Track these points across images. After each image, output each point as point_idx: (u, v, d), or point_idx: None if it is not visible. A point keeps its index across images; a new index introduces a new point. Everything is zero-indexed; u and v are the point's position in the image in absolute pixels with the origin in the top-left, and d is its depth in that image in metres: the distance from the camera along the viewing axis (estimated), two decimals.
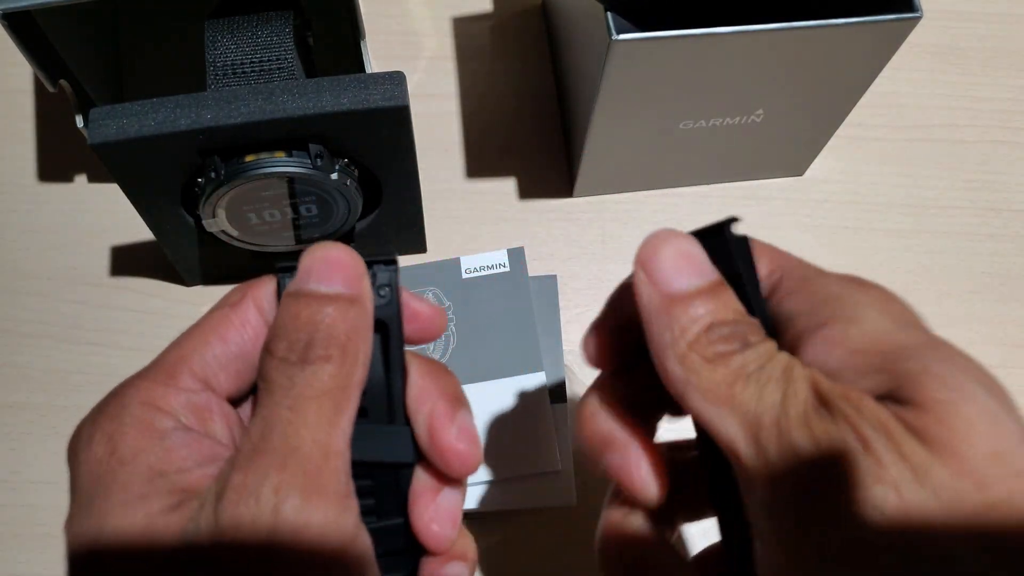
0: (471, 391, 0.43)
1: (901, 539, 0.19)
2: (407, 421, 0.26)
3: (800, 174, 0.52)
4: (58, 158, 0.51)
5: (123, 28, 0.52)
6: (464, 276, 0.47)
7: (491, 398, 0.43)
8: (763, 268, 0.24)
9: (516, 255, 0.47)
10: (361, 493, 0.25)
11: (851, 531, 0.19)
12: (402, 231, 0.47)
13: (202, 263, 0.46)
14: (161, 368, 0.24)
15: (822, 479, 0.19)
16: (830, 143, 0.50)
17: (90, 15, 0.48)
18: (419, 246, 0.49)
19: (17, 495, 0.44)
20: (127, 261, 0.49)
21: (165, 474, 0.22)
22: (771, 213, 0.52)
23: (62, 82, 0.42)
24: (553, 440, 0.42)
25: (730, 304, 0.23)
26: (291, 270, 0.25)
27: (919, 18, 0.37)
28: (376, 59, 0.53)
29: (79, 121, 0.43)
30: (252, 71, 0.39)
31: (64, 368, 0.46)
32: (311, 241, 0.44)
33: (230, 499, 0.21)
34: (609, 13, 0.36)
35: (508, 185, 0.51)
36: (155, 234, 0.42)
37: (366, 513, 0.25)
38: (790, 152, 0.50)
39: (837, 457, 0.19)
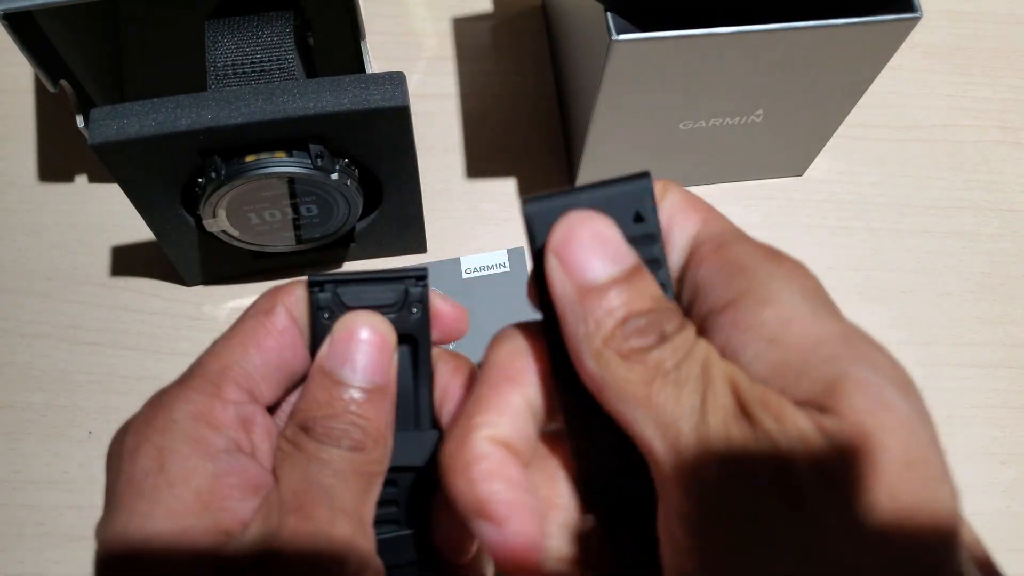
0: None
1: (812, 559, 0.18)
2: (435, 425, 0.27)
3: (800, 174, 0.52)
4: (59, 158, 0.51)
5: (124, 28, 0.52)
6: (464, 276, 0.47)
7: None
8: (690, 228, 0.23)
9: (516, 255, 0.47)
10: (385, 501, 0.26)
11: (763, 551, 0.19)
12: (402, 231, 0.47)
13: (202, 263, 0.46)
14: (206, 378, 0.24)
15: (740, 499, 0.19)
16: (830, 143, 0.50)
17: (91, 15, 0.48)
18: (419, 246, 0.49)
19: (18, 495, 0.44)
20: (127, 261, 0.49)
21: (212, 510, 0.22)
22: (771, 213, 0.52)
23: (62, 82, 0.42)
24: None
25: (647, 290, 0.21)
26: (322, 286, 0.25)
27: (919, 18, 0.37)
28: (376, 59, 0.53)
29: (79, 121, 0.43)
30: (252, 71, 0.39)
31: (64, 368, 0.46)
32: (312, 241, 0.44)
33: (286, 540, 0.22)
34: (609, 13, 0.36)
35: (508, 185, 0.51)
36: (155, 234, 0.42)
37: (388, 522, 0.26)
38: (790, 152, 0.50)
39: (756, 476, 0.19)
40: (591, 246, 0.21)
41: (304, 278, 0.26)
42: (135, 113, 0.35)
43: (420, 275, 0.26)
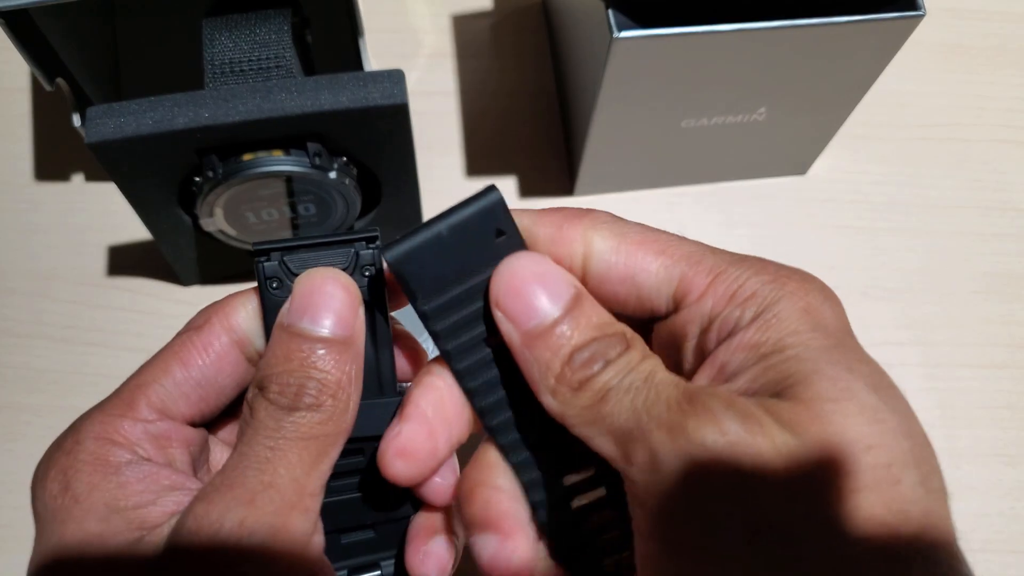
0: None
1: (759, 527, 0.19)
2: (397, 392, 0.26)
3: (803, 173, 0.52)
4: (55, 157, 0.51)
5: (120, 26, 0.52)
6: None
7: None
8: (651, 264, 0.23)
9: None
10: (348, 472, 0.25)
11: (707, 526, 0.19)
12: (401, 230, 0.47)
13: (199, 263, 0.46)
14: (119, 399, 0.24)
15: (685, 480, 0.20)
16: (833, 142, 0.49)
17: (87, 13, 0.48)
18: None
19: (13, 497, 0.44)
20: (124, 261, 0.49)
21: (120, 510, 0.22)
22: (774, 212, 0.51)
23: (59, 80, 0.41)
24: None
25: (589, 320, 0.22)
26: (267, 254, 0.24)
27: (922, 16, 0.37)
28: (375, 57, 0.53)
29: (76, 120, 0.43)
30: (250, 69, 0.38)
31: (60, 369, 0.46)
32: None
33: (189, 528, 0.21)
34: (610, 10, 0.36)
35: (508, 184, 0.51)
36: (152, 234, 0.42)
37: (348, 491, 0.26)
38: (793, 151, 0.49)
39: (698, 453, 0.20)
40: (526, 291, 0.22)
41: (239, 292, 0.25)
42: (132, 112, 0.35)
43: (371, 237, 0.25)
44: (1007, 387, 0.48)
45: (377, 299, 0.25)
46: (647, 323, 0.25)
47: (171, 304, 0.48)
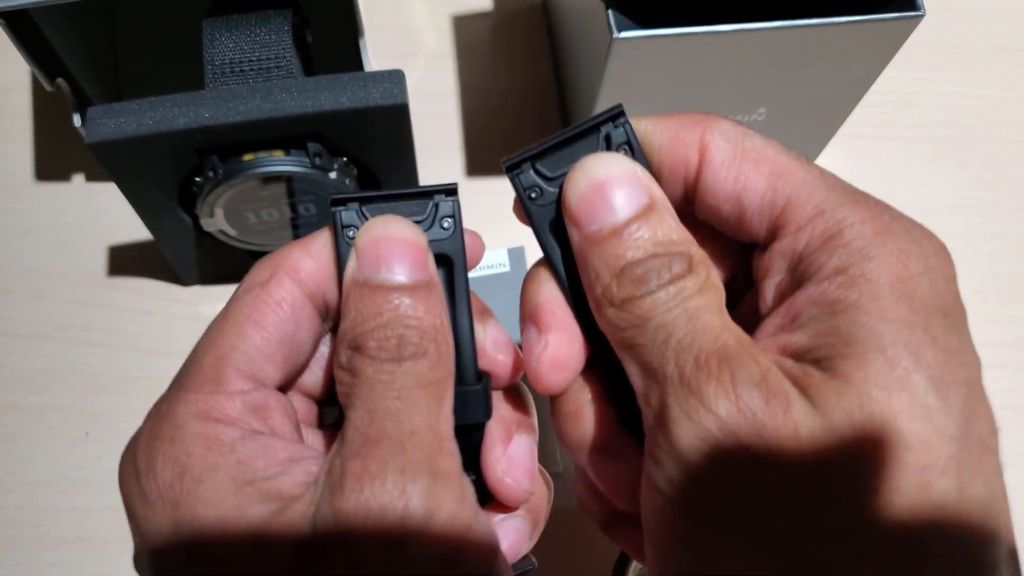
0: None
1: (761, 525, 0.18)
2: (477, 371, 0.24)
3: None
4: (55, 157, 0.51)
5: (121, 26, 0.52)
6: None
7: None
8: (760, 183, 0.22)
9: (516, 255, 0.47)
10: None
11: (705, 510, 0.19)
12: None
13: (199, 263, 0.46)
14: (203, 375, 0.22)
15: (691, 452, 0.19)
16: (832, 142, 0.49)
17: (88, 14, 0.48)
18: None
19: (13, 496, 0.44)
20: (124, 261, 0.49)
21: (252, 483, 0.21)
22: None
23: (59, 81, 0.41)
24: (554, 441, 0.42)
25: (654, 234, 0.21)
26: (345, 204, 0.23)
27: (922, 16, 0.37)
28: (375, 57, 0.53)
29: (76, 120, 0.43)
30: (250, 70, 0.38)
31: (60, 368, 0.46)
32: None
33: (352, 487, 0.20)
34: (610, 11, 0.36)
35: (508, 184, 0.51)
36: (152, 234, 0.42)
37: None
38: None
39: (708, 424, 0.19)
40: (593, 194, 0.22)
41: (297, 241, 0.24)
42: (132, 112, 0.35)
43: (450, 189, 0.24)
44: (1007, 387, 0.48)
45: (457, 253, 0.24)
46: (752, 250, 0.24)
47: (171, 304, 0.48)
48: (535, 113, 0.53)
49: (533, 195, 0.23)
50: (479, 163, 0.51)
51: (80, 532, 0.43)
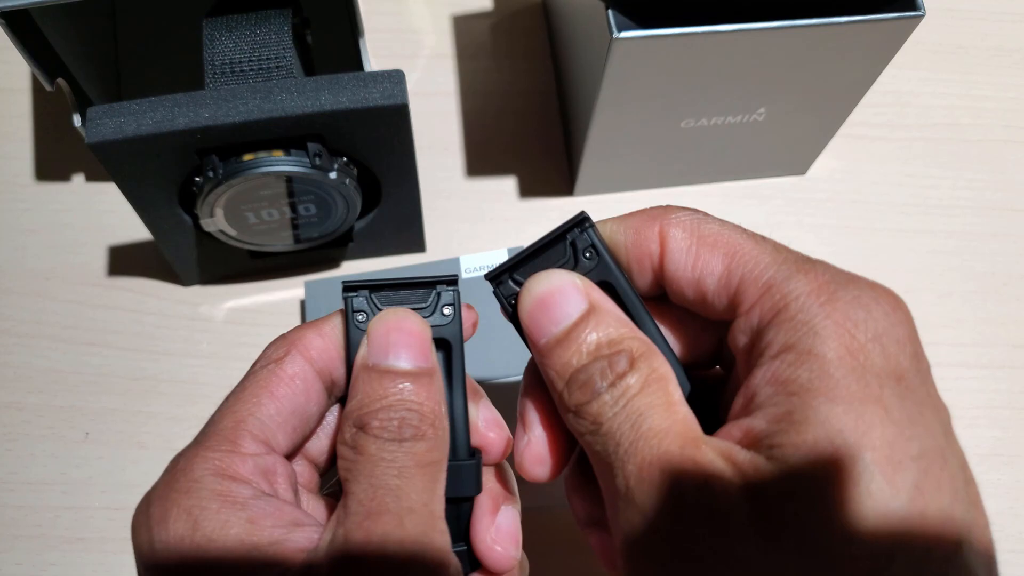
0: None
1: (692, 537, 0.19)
2: (470, 447, 0.26)
3: (802, 173, 0.52)
4: (55, 157, 0.51)
5: (121, 27, 0.52)
6: (464, 276, 0.46)
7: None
8: (717, 266, 0.23)
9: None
10: None
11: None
12: (401, 230, 0.47)
13: (200, 263, 0.46)
14: (221, 436, 0.24)
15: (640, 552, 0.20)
16: (832, 142, 0.49)
17: (88, 14, 0.48)
18: (418, 246, 0.49)
19: (13, 496, 0.44)
20: (124, 261, 0.49)
21: (258, 547, 0.22)
22: (773, 212, 0.51)
23: (60, 81, 0.41)
24: None
25: (593, 339, 0.23)
26: (356, 290, 0.25)
27: (922, 16, 0.37)
28: (375, 57, 0.53)
29: (76, 120, 0.43)
30: (250, 69, 0.38)
31: (60, 368, 0.46)
32: (310, 240, 0.44)
33: (350, 552, 0.21)
34: (610, 10, 0.36)
35: (508, 184, 0.51)
36: (152, 234, 0.42)
37: None
38: (792, 151, 0.49)
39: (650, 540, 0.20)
40: (537, 312, 0.24)
41: (309, 323, 0.26)
42: (132, 112, 0.35)
43: (451, 280, 0.26)
44: (1005, 387, 0.48)
45: (455, 339, 0.26)
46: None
47: (171, 304, 0.48)
48: (535, 113, 0.53)
49: (513, 302, 0.25)
50: (479, 163, 0.51)
51: (80, 532, 0.43)
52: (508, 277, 0.25)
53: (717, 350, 0.26)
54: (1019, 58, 0.56)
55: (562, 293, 0.23)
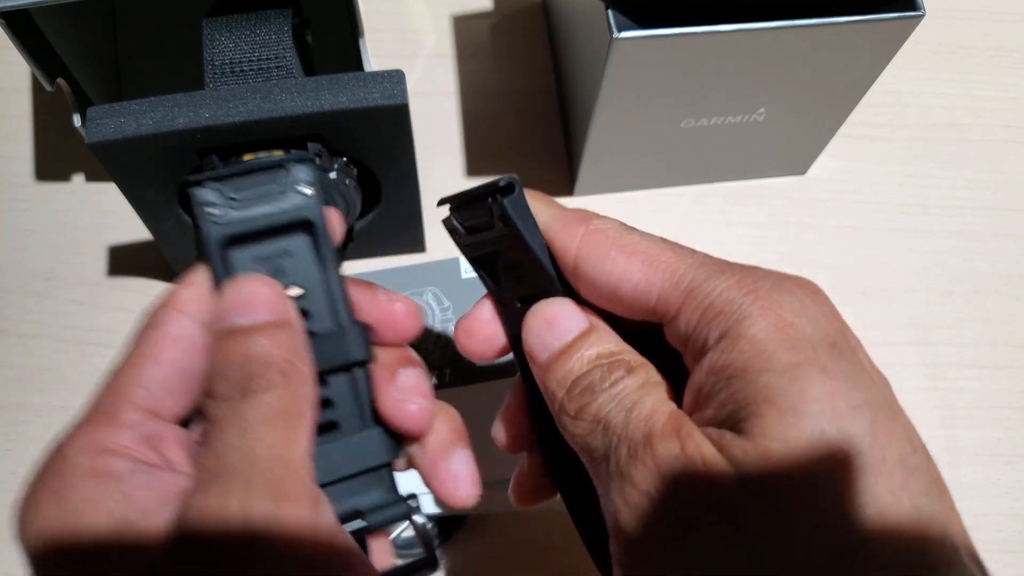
0: (469, 392, 0.43)
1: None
2: (353, 320, 0.26)
3: (802, 173, 0.52)
4: (55, 157, 0.51)
5: (121, 27, 0.52)
6: (464, 276, 0.46)
7: (489, 399, 0.43)
8: (634, 274, 0.24)
9: None
10: (322, 405, 0.25)
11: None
12: (401, 230, 0.47)
13: (199, 263, 0.46)
14: (99, 411, 0.23)
15: (638, 528, 0.21)
16: (832, 142, 0.49)
17: (88, 13, 0.48)
18: (418, 246, 0.49)
19: (13, 496, 0.44)
20: (125, 261, 0.49)
21: (131, 522, 0.21)
22: (773, 212, 0.51)
23: (59, 81, 0.41)
24: None
25: (593, 351, 0.24)
26: (202, 183, 0.24)
27: (922, 16, 0.37)
28: (375, 57, 0.53)
29: (76, 120, 0.43)
30: (250, 69, 0.38)
31: (61, 368, 0.46)
32: None
33: (190, 519, 0.20)
34: (610, 10, 0.36)
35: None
36: (152, 234, 0.42)
37: (328, 429, 0.26)
38: (792, 151, 0.49)
39: (645, 506, 0.21)
40: (540, 331, 0.25)
41: (178, 280, 0.25)
42: (132, 112, 0.35)
43: (305, 158, 0.26)
44: (1006, 387, 0.48)
45: (316, 217, 0.25)
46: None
47: None
48: (535, 113, 0.53)
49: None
50: (479, 163, 0.51)
51: None
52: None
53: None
54: (1019, 58, 0.56)
55: (565, 314, 0.25)
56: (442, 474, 0.27)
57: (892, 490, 0.19)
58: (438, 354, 0.45)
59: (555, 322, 0.25)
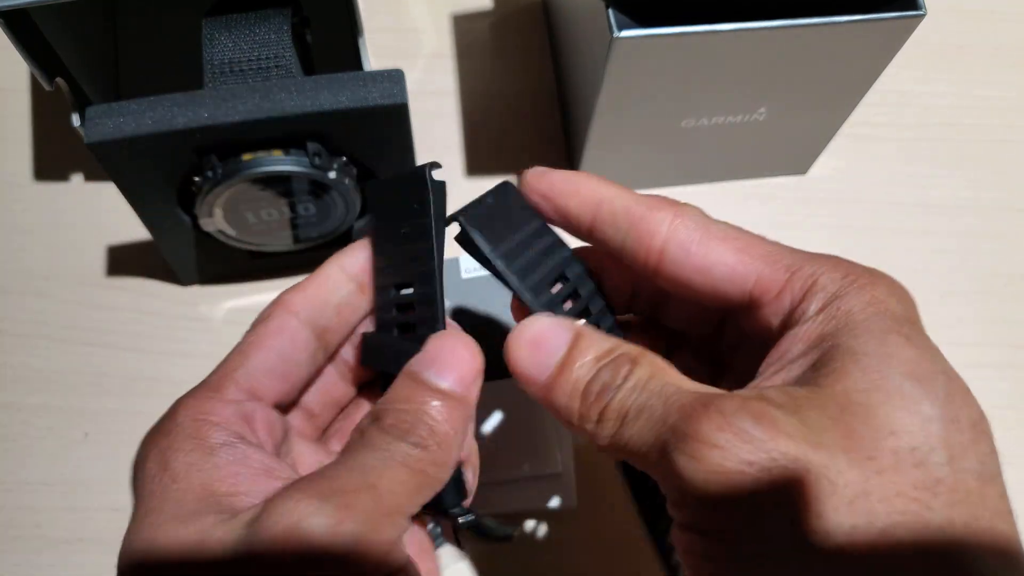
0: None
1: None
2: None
3: (803, 173, 0.52)
4: (54, 157, 0.51)
5: (120, 26, 0.52)
6: (464, 276, 0.46)
7: (491, 399, 0.43)
8: (728, 258, 0.25)
9: None
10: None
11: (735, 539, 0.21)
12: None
13: (199, 263, 0.46)
14: (208, 384, 0.26)
15: (710, 494, 0.21)
16: (833, 142, 0.49)
17: (87, 13, 0.48)
18: None
19: (13, 496, 0.44)
20: (124, 261, 0.48)
21: (216, 495, 0.23)
22: (774, 212, 0.51)
23: (58, 80, 0.41)
24: (553, 442, 0.42)
25: (591, 355, 0.24)
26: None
27: (922, 16, 0.37)
28: (375, 57, 0.53)
29: (75, 120, 0.43)
30: (249, 69, 0.38)
31: (60, 368, 0.46)
32: (309, 240, 0.44)
33: (270, 520, 0.22)
34: (610, 9, 0.36)
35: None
36: (151, 233, 0.42)
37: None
38: (793, 151, 0.49)
39: (716, 461, 0.21)
40: (529, 354, 0.25)
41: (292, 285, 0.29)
42: (131, 111, 0.35)
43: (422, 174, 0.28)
44: (1008, 387, 0.48)
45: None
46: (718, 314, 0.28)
47: (171, 304, 0.48)
48: (535, 113, 0.53)
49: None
50: (479, 163, 0.51)
51: (80, 532, 0.43)
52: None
53: (712, 335, 0.29)
54: (1020, 57, 0.56)
55: (549, 330, 0.25)
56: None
57: (963, 444, 0.21)
58: None
59: (543, 340, 0.25)
